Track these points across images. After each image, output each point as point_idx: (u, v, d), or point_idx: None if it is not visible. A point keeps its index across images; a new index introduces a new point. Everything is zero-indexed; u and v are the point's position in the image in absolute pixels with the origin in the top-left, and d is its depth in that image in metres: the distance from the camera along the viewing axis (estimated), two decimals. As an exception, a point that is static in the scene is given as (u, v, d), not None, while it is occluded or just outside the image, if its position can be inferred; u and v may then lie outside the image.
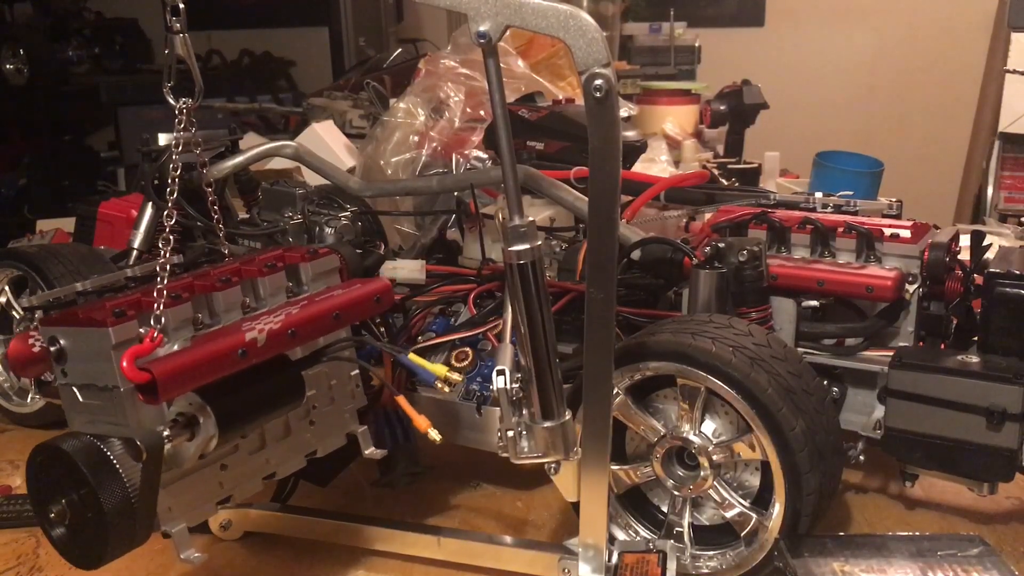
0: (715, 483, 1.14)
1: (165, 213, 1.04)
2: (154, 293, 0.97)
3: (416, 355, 1.14)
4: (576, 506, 1.07)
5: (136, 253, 1.69)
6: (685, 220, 1.77)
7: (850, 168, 2.58)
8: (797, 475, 1.04)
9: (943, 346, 1.30)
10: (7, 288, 1.65)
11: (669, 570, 1.08)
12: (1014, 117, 3.41)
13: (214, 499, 1.06)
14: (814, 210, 1.47)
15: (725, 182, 2.01)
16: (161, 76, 1.08)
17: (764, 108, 2.94)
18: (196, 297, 1.03)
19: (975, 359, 1.15)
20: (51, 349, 0.96)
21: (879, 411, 1.24)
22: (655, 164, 2.45)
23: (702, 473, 1.13)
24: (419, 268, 1.50)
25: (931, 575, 1.02)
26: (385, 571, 1.22)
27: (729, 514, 1.14)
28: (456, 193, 1.78)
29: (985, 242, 1.36)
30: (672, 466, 1.17)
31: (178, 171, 1.04)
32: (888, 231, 1.30)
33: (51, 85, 4.11)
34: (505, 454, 1.03)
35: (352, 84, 3.09)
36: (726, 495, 1.14)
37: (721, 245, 1.26)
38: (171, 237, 1.01)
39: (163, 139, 1.76)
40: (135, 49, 4.49)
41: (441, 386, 1.12)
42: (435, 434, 1.08)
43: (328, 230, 1.55)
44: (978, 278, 1.27)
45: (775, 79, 3.40)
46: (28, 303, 1.17)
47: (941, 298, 1.28)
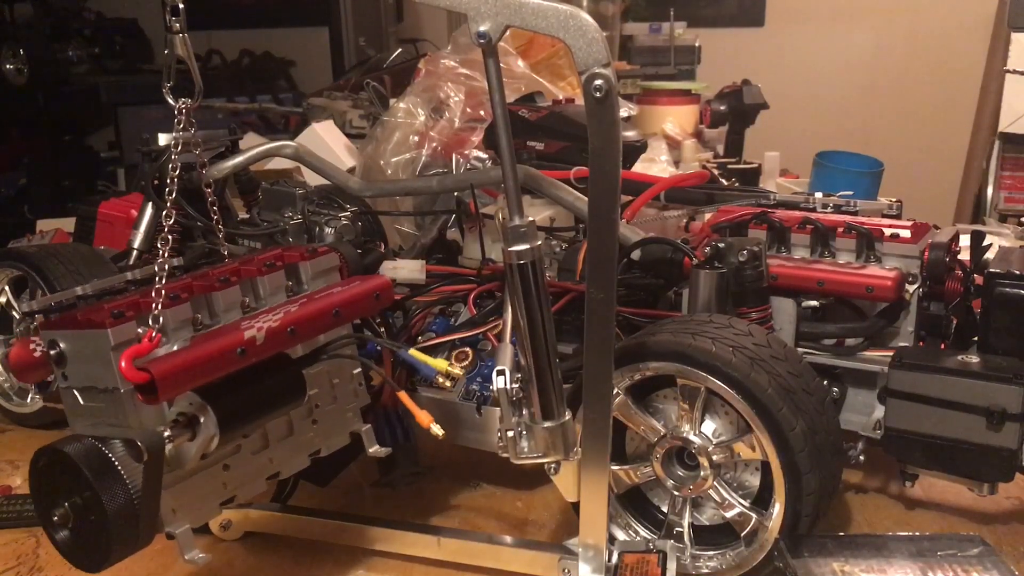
0: (715, 483, 1.14)
1: (164, 213, 1.04)
2: (152, 294, 0.97)
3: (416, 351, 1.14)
4: (576, 506, 1.07)
5: (136, 253, 1.69)
6: (685, 220, 1.77)
7: (850, 168, 2.58)
8: (797, 475, 1.04)
9: (943, 346, 1.30)
10: (7, 288, 1.65)
11: (669, 570, 1.08)
12: (1014, 117, 3.40)
13: (218, 499, 1.06)
14: (814, 210, 1.47)
15: (725, 182, 2.00)
16: (161, 76, 1.08)
17: (764, 108, 2.94)
18: (195, 297, 1.02)
19: (975, 359, 1.15)
20: (51, 352, 0.96)
21: (879, 411, 1.24)
22: (655, 164, 2.45)
23: (702, 473, 1.13)
24: (419, 268, 1.50)
25: (931, 575, 1.02)
26: (385, 571, 1.22)
27: (729, 514, 1.14)
28: (456, 193, 1.78)
29: (985, 242, 1.36)
30: (672, 466, 1.17)
31: (177, 171, 1.04)
32: (888, 231, 1.30)
33: (51, 85, 4.11)
34: (505, 454, 1.03)
35: (352, 84, 3.10)
36: (726, 495, 1.14)
37: (721, 245, 1.26)
38: (170, 237, 1.01)
39: (163, 139, 1.75)
40: (135, 49, 4.49)
41: (442, 381, 1.12)
42: (438, 429, 1.07)
43: (328, 230, 1.55)
44: (978, 278, 1.27)
45: (775, 79, 3.40)
46: (28, 307, 1.17)
47: (941, 298, 1.28)
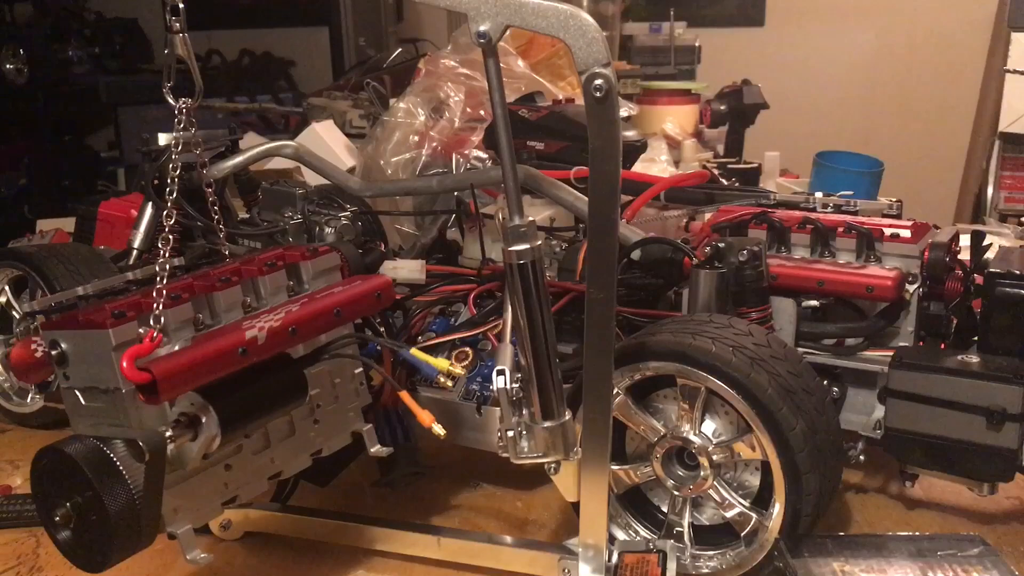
0: (715, 483, 1.14)
1: (164, 213, 1.04)
2: (153, 294, 0.97)
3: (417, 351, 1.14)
4: (576, 506, 1.07)
5: (136, 253, 1.69)
6: (685, 220, 1.77)
7: (850, 168, 2.58)
8: (797, 475, 1.04)
9: (943, 346, 1.30)
10: (7, 288, 1.65)
11: (669, 570, 1.08)
12: (1014, 117, 3.40)
13: (219, 499, 1.06)
14: (814, 210, 1.47)
15: (725, 182, 2.00)
16: (161, 76, 1.08)
17: (764, 108, 2.94)
18: (196, 297, 1.02)
19: (975, 359, 1.15)
20: (52, 352, 0.96)
21: (879, 411, 1.25)
22: (655, 164, 2.45)
23: (702, 473, 1.13)
24: (419, 268, 1.50)
25: (931, 575, 1.02)
26: (385, 571, 1.22)
27: (729, 514, 1.14)
28: (456, 193, 1.79)
29: (985, 242, 1.36)
30: (672, 466, 1.17)
31: (178, 171, 1.04)
32: (888, 231, 1.30)
33: (51, 85, 4.11)
34: (505, 454, 1.03)
35: (352, 84, 3.10)
36: (726, 495, 1.14)
37: (721, 245, 1.26)
38: (171, 237, 1.01)
39: (163, 139, 1.75)
40: (135, 49, 4.48)
41: (444, 381, 1.12)
42: (439, 429, 1.07)
43: (328, 230, 1.55)
44: (978, 278, 1.27)
45: (775, 79, 3.40)
46: (29, 307, 1.17)
47: (941, 298, 1.28)
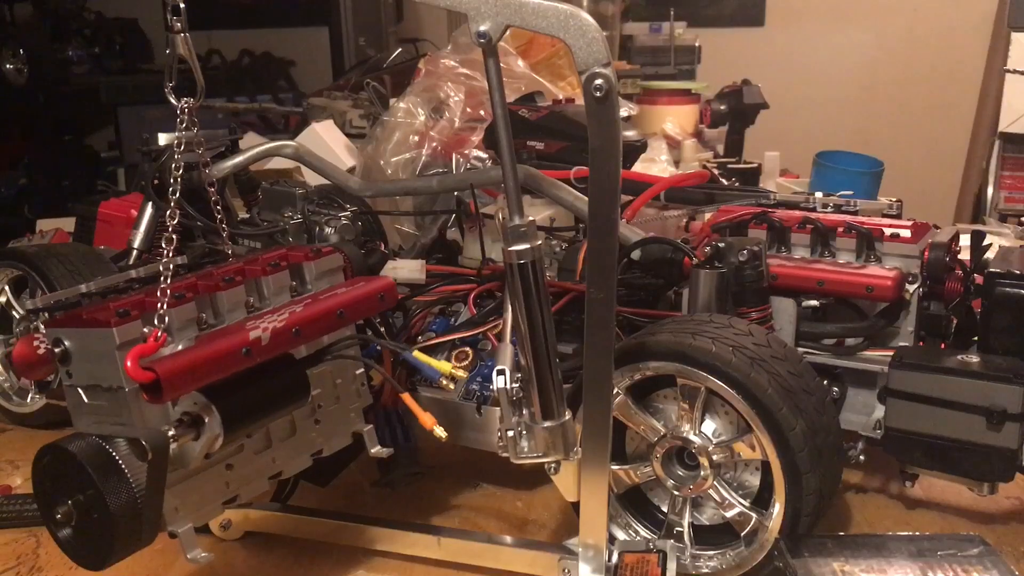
0: (715, 483, 1.14)
1: (167, 212, 1.04)
2: (157, 293, 0.97)
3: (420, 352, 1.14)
4: (576, 506, 1.07)
5: (136, 253, 1.69)
6: (685, 220, 1.77)
7: (850, 168, 2.58)
8: (797, 475, 1.05)
9: (943, 346, 1.30)
10: (7, 288, 1.65)
11: (669, 570, 1.08)
12: (1014, 117, 3.41)
13: (220, 499, 1.06)
14: (814, 210, 1.47)
15: (725, 182, 2.01)
16: (161, 76, 1.08)
17: (764, 108, 2.95)
18: (200, 297, 1.03)
19: (975, 359, 1.15)
20: (55, 350, 0.97)
21: (879, 411, 1.25)
22: (655, 164, 2.45)
23: (702, 473, 1.14)
24: (419, 268, 1.50)
25: (931, 575, 1.02)
26: (385, 571, 1.23)
27: (729, 514, 1.14)
28: (456, 193, 1.79)
29: (985, 242, 1.36)
30: (672, 466, 1.17)
31: (179, 170, 1.04)
32: (888, 231, 1.30)
33: (51, 85, 4.11)
34: (505, 454, 1.03)
35: (352, 84, 3.10)
36: (726, 495, 1.14)
37: (721, 245, 1.26)
38: (173, 236, 1.01)
39: (163, 139, 1.76)
40: (135, 49, 4.48)
41: (446, 383, 1.12)
42: (441, 431, 1.07)
43: (328, 230, 1.55)
44: (978, 278, 1.27)
45: (775, 79, 3.40)
46: (32, 305, 1.17)
47: (941, 298, 1.28)
